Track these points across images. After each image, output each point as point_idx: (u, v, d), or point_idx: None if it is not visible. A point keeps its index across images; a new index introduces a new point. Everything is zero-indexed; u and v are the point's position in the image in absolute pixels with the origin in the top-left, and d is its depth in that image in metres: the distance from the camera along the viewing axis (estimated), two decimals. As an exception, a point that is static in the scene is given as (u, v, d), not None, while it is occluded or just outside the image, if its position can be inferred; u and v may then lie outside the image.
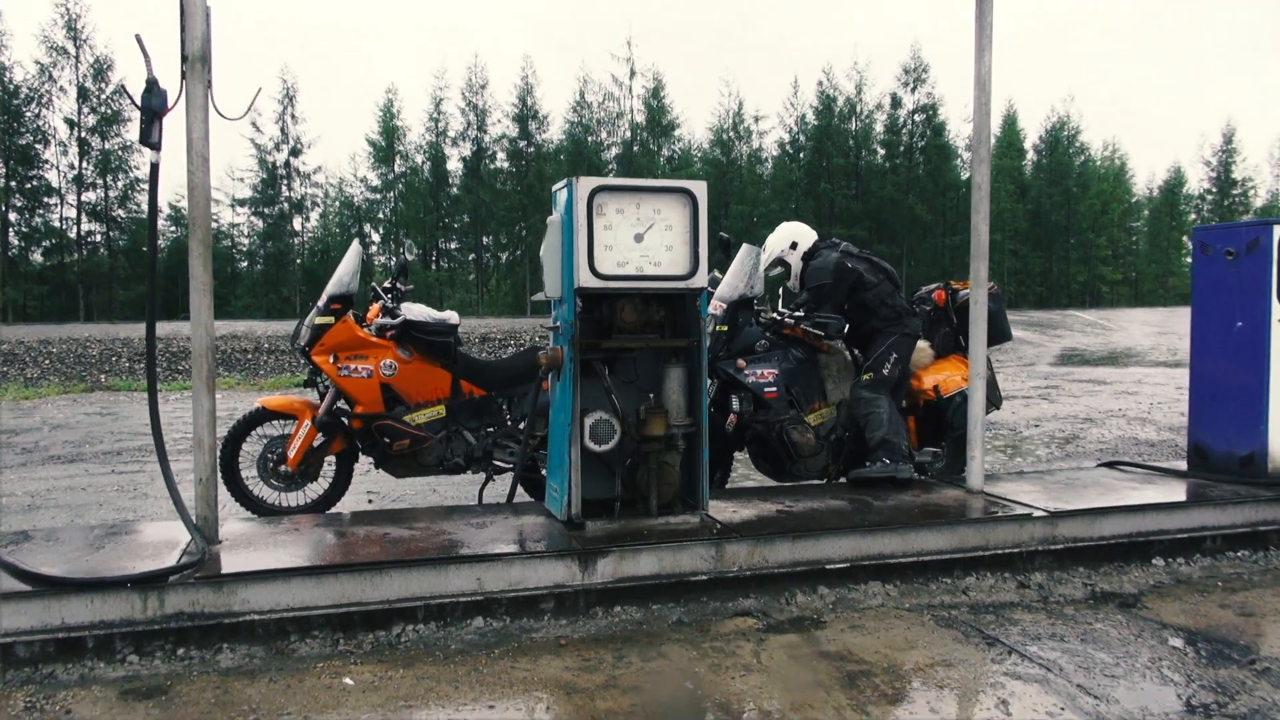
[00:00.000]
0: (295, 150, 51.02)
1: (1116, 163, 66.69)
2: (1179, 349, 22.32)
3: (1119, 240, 65.56)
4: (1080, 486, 5.24)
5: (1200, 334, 5.56)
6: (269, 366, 18.57)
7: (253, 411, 5.41)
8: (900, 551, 4.28)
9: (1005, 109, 60.40)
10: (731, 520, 4.35)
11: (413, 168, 52.64)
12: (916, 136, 54.66)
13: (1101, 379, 16.32)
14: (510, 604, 3.75)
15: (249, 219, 52.58)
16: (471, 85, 51.68)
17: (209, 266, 3.83)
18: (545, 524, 4.34)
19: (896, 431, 5.37)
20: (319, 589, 3.56)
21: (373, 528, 4.26)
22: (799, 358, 5.64)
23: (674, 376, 4.37)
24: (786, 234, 5.82)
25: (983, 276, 4.95)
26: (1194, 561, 4.72)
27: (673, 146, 53.77)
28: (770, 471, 5.83)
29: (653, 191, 4.21)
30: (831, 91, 53.92)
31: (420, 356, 5.38)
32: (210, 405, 3.84)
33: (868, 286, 5.55)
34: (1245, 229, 5.26)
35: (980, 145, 4.88)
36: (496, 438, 5.51)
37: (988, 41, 4.79)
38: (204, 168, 3.75)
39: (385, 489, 6.81)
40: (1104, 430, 10.10)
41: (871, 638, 3.68)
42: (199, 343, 3.82)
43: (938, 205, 53.91)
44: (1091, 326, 31.72)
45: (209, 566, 3.58)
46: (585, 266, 4.07)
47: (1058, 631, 3.78)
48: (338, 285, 5.34)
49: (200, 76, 3.71)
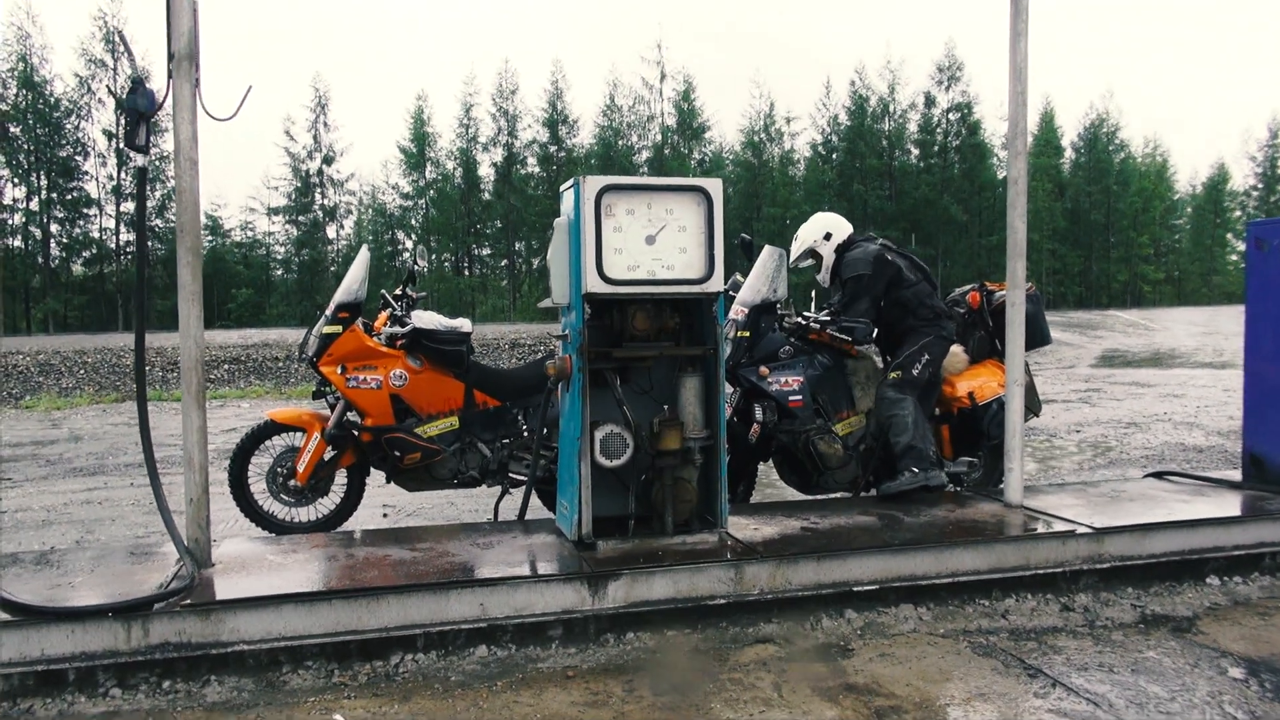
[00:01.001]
0: (328, 158, 51.38)
1: (1158, 159, 65.41)
2: (1224, 349, 21.68)
3: (1161, 238, 64.21)
4: (1127, 499, 4.92)
5: (1255, 334, 5.22)
6: (299, 375, 18.57)
7: (261, 424, 5.25)
8: (934, 572, 4.01)
9: (1042, 106, 59.40)
10: (753, 539, 4.10)
11: (444, 174, 52.79)
12: (951, 135, 53.85)
13: (1145, 381, 15.83)
14: (515, 631, 3.53)
15: (284, 227, 53.05)
16: (502, 90, 51.73)
17: (199, 275, 3.66)
18: (555, 544, 4.11)
19: (923, 437, 5.09)
20: (312, 617, 3.36)
21: (374, 549, 4.06)
22: (825, 364, 5.38)
23: (690, 386, 4.13)
24: (821, 224, 5.53)
25: (1020, 276, 4.66)
26: (1252, 581, 4.39)
27: (704, 149, 53.44)
28: (797, 484, 5.57)
29: (664, 190, 3.98)
30: (864, 91, 53.31)
31: (431, 366, 5.19)
32: (201, 421, 3.66)
33: (906, 284, 5.27)
34: (1304, 223, 4.92)
35: (1016, 138, 4.60)
36: (512, 449, 5.31)
37: (1024, 28, 4.50)
38: (193, 171, 3.58)
39: (401, 502, 6.63)
40: (1149, 436, 9.70)
41: (902, 668, 3.42)
42: (188, 355, 3.65)
43: (973, 205, 53.05)
44: (1133, 327, 30.98)
45: (198, 593, 3.40)
46: (593, 271, 3.85)
47: (1106, 660, 3.49)
48: (345, 293, 5.17)
49: (187, 75, 3.54)
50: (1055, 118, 59.61)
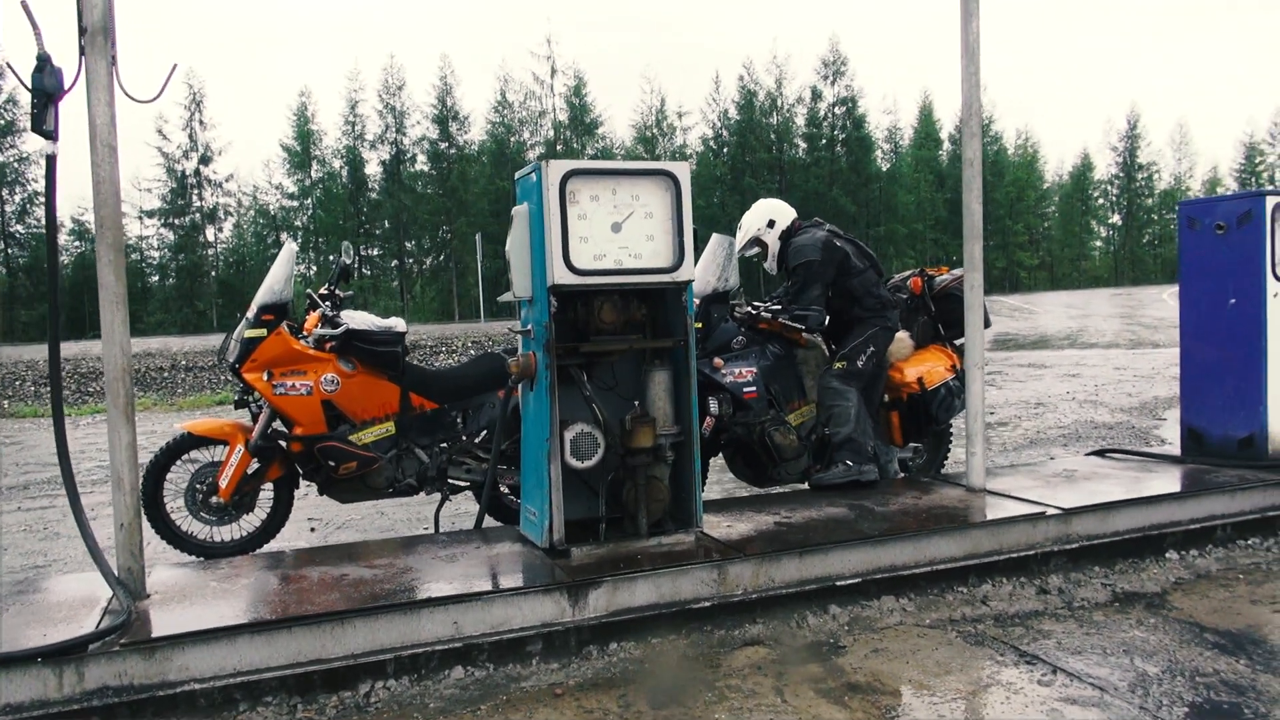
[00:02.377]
0: (205, 158, 49.19)
1: (1029, 151, 68.42)
2: (1105, 330, 22.71)
3: (1034, 226, 67.23)
4: (1080, 479, 4.96)
5: (1190, 312, 5.33)
6: (187, 384, 17.57)
7: (177, 438, 4.81)
8: (913, 562, 3.93)
9: (921, 99, 61.51)
10: (729, 536, 3.94)
11: (330, 173, 51.21)
12: (838, 129, 55.15)
13: (1040, 363, 16.39)
14: (493, 649, 3.27)
15: (158, 231, 50.50)
16: (388, 86, 50.52)
17: (122, 275, 3.27)
18: (523, 552, 3.87)
19: (863, 431, 5.03)
20: (271, 647, 3.04)
21: (327, 568, 3.73)
22: (776, 354, 5.27)
23: (659, 380, 3.94)
24: (763, 211, 5.40)
25: (978, 258, 4.63)
26: (1208, 553, 4.47)
27: (596, 144, 53.30)
28: (750, 476, 5.45)
29: (630, 175, 3.77)
30: (752, 86, 54.17)
31: (365, 369, 4.85)
32: (130, 437, 3.28)
33: (854, 272, 5.18)
34: (1237, 200, 5.05)
35: (971, 119, 4.57)
36: (451, 454, 5.02)
37: (975, 7, 4.46)
38: (111, 159, 3.19)
39: (328, 514, 6.24)
40: (1059, 415, 9.99)
41: (899, 663, 3.31)
42: (113, 364, 3.26)
43: (861, 196, 54.47)
44: (1018, 311, 32.20)
45: (137, 629, 3.03)
46: (559, 261, 3.62)
47: (1095, 643, 3.46)
48: (269, 294, 4.78)
49: (103, 51, 3.15)
50: (934, 111, 61.76)
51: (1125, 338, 20.41)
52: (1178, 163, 69.84)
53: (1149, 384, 12.23)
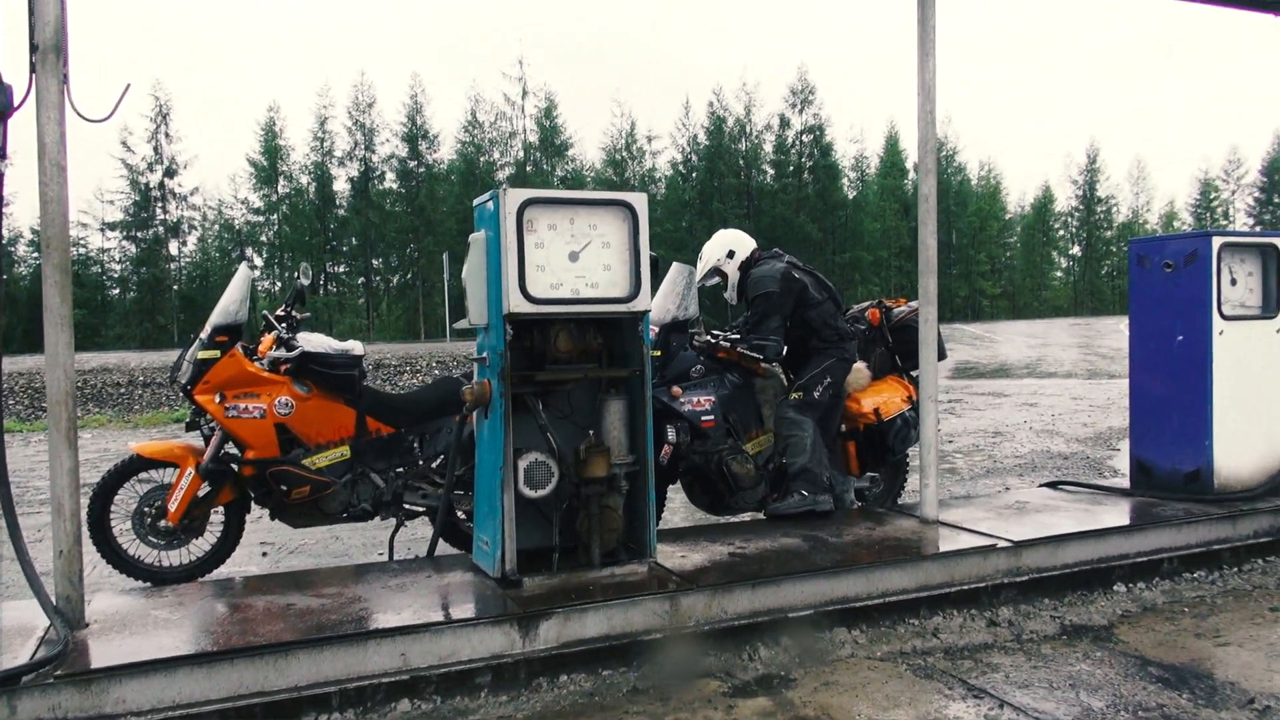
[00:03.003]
0: (170, 171, 48.60)
1: (992, 182, 69.50)
2: (1063, 360, 23.05)
3: (996, 256, 68.18)
4: (1032, 511, 5.02)
5: (1139, 348, 5.43)
6: (144, 401, 17.29)
7: (126, 460, 4.73)
8: (865, 594, 3.95)
9: (887, 129, 62.29)
10: (683, 567, 3.94)
11: (297, 189, 50.77)
12: (805, 156, 55.72)
13: (1000, 391, 16.61)
14: (440, 681, 3.24)
15: (120, 244, 49.75)
16: (358, 103, 50.23)
17: (68, 296, 3.23)
18: (475, 582, 3.83)
19: (819, 461, 5.06)
20: (211, 680, 2.98)
21: (273, 597, 3.68)
22: (735, 383, 5.28)
23: (614, 410, 3.94)
24: (724, 241, 5.45)
25: (932, 292, 4.69)
26: (1155, 586, 4.54)
27: (566, 166, 53.40)
28: (707, 505, 5.45)
29: (588, 205, 3.79)
30: (722, 112, 54.56)
31: (320, 392, 4.80)
32: (72, 463, 3.22)
33: (812, 303, 5.22)
34: (1184, 240, 5.17)
35: (927, 156, 4.64)
36: (407, 479, 4.97)
37: (931, 47, 4.55)
38: (60, 178, 3.15)
39: (281, 539, 6.15)
40: (1016, 444, 10.12)
41: (849, 696, 3.32)
42: (56, 387, 3.21)
43: (827, 224, 54.97)
44: (979, 340, 32.62)
45: (73, 660, 2.96)
46: (516, 290, 3.61)
47: (1042, 676, 3.49)
48: (223, 315, 4.73)
49: (54, 69, 3.12)
50: (900, 141, 62.58)
51: (1083, 368, 20.74)
52: (1135, 197, 71.40)
53: (1104, 414, 12.42)
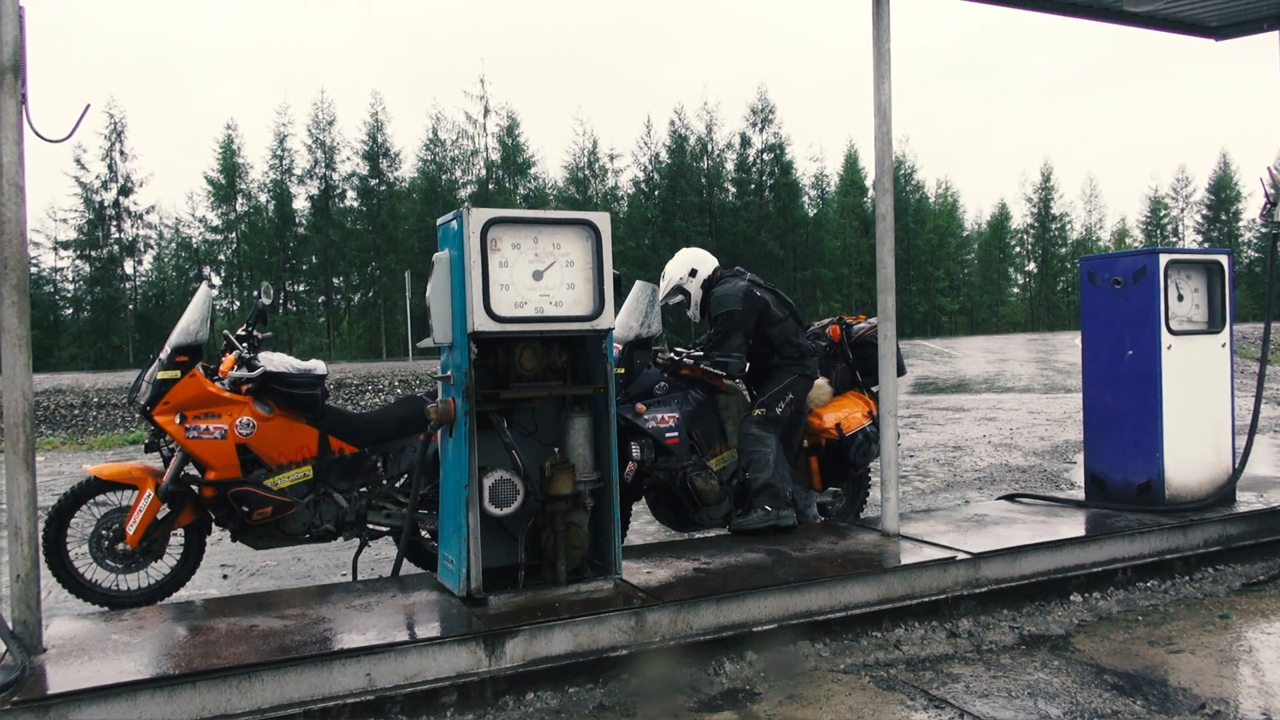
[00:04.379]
0: (125, 189, 47.95)
1: (949, 199, 70.65)
2: (1021, 375, 23.42)
3: (955, 272, 69.22)
4: (991, 523, 5.11)
5: (1091, 363, 5.56)
6: (99, 422, 17.01)
7: (83, 483, 4.67)
8: (828, 607, 3.99)
9: (846, 148, 63.12)
10: (648, 583, 3.96)
11: (256, 207, 50.35)
12: (766, 174, 56.26)
13: (959, 406, 16.84)
14: (406, 701, 3.22)
15: (74, 263, 48.93)
16: (318, 121, 50.03)
17: (26, 318, 3.19)
18: (440, 601, 3.83)
19: (781, 476, 5.12)
20: (173, 703, 2.95)
21: (236, 619, 3.64)
22: (698, 399, 5.34)
23: (579, 427, 3.96)
24: (686, 260, 5.52)
25: (891, 309, 4.78)
26: (1109, 595, 4.64)
27: (529, 184, 53.47)
28: (672, 521, 5.48)
29: (551, 224, 3.82)
30: (684, 130, 55.00)
31: (282, 412, 4.78)
32: (29, 485, 3.17)
33: (774, 321, 5.29)
34: (1133, 257, 5.31)
35: (884, 175, 4.73)
36: (370, 499, 4.96)
37: (886, 70, 4.65)
38: (18, 198, 3.12)
39: (242, 560, 6.08)
40: (975, 458, 10.27)
41: (813, 709, 3.36)
42: (13, 409, 3.16)
43: (788, 241, 55.51)
44: (939, 355, 33.06)
45: (30, 685, 2.92)
46: (480, 308, 3.63)
47: (1001, 686, 3.55)
48: (183, 335, 4.69)
49: (11, 89, 3.10)
50: (859, 159, 63.41)
51: (1040, 382, 21.09)
52: (1088, 214, 73.31)
53: (1061, 428, 12.65)
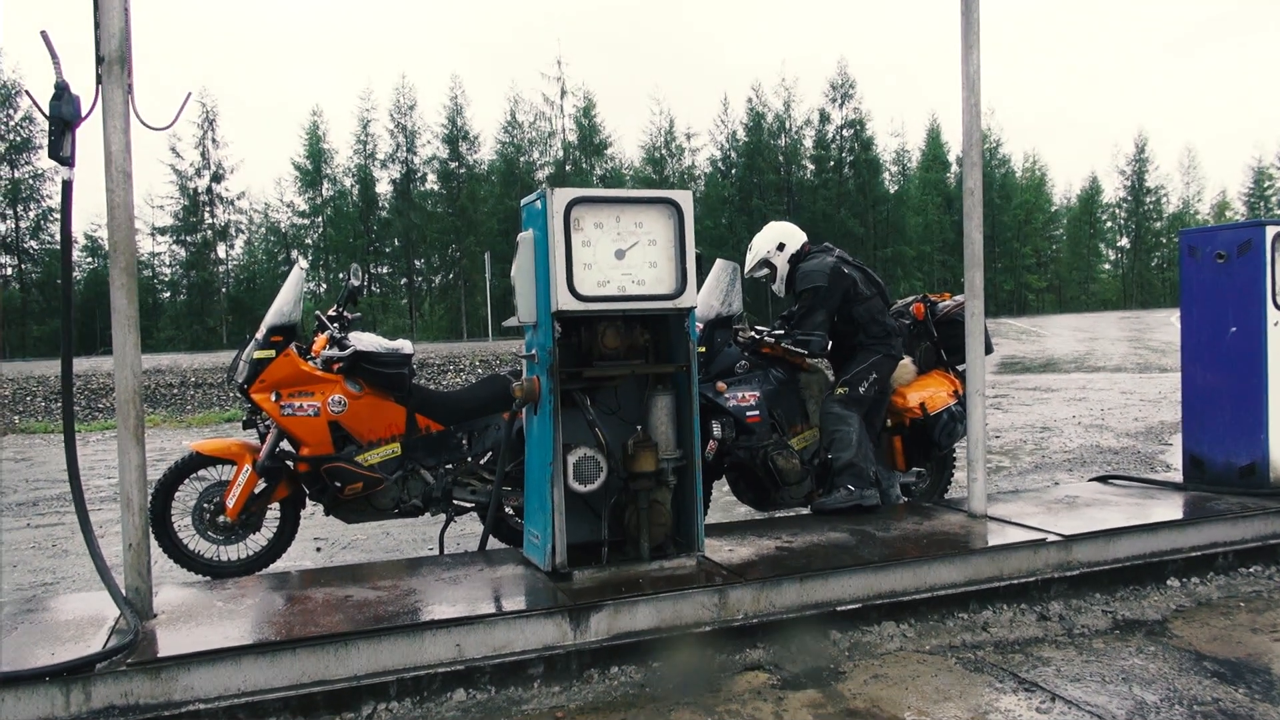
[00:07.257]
0: (217, 175, 49.61)
1: (1037, 174, 68.51)
2: (1112, 354, 22.68)
3: (1042, 249, 67.22)
4: (1082, 505, 4.98)
5: (1192, 340, 5.36)
6: (196, 402, 17.68)
7: (186, 458, 4.87)
8: (913, 588, 3.95)
9: (929, 122, 61.65)
10: (731, 561, 3.97)
11: (341, 191, 51.56)
12: (845, 151, 55.32)
13: (1047, 386, 16.39)
14: (494, 672, 3.30)
15: (170, 248, 50.90)
16: (400, 106, 50.91)
17: (134, 298, 3.33)
18: (526, 575, 3.90)
19: (865, 456, 5.05)
20: (275, 668, 3.07)
21: (331, 589, 3.77)
22: (780, 378, 5.30)
23: (661, 405, 3.98)
24: (774, 234, 5.46)
25: (979, 285, 4.66)
26: (1209, 581, 4.48)
27: (605, 165, 53.57)
28: (752, 500, 5.47)
29: (634, 203, 3.83)
30: (761, 108, 54.40)
31: (371, 390, 4.90)
32: (139, 459, 3.33)
33: (861, 299, 5.22)
34: (1236, 230, 5.09)
35: (971, 149, 4.61)
36: (456, 475, 5.06)
37: (975, 39, 4.52)
38: (126, 184, 3.26)
39: (334, 534, 6.28)
40: (1065, 439, 9.99)
41: (898, 689, 3.33)
42: (124, 386, 3.31)
43: (869, 219, 54.56)
44: (1025, 334, 32.21)
45: (143, 649, 3.07)
46: (564, 287, 3.67)
47: (1094, 670, 3.47)
48: (278, 315, 4.84)
49: (119, 80, 3.23)
50: (941, 134, 61.89)
51: (1133, 361, 20.39)
52: (1186, 186, 70.30)
53: (1155, 408, 12.22)
